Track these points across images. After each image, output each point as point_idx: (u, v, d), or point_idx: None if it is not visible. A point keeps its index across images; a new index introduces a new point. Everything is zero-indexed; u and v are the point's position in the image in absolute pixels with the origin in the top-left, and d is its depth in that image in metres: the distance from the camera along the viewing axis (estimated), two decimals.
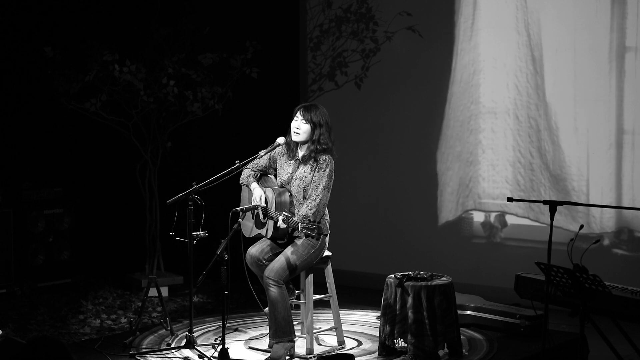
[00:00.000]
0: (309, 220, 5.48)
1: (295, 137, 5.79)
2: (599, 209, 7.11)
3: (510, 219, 7.63)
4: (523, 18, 7.44)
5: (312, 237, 5.47)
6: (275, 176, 5.99)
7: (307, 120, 5.75)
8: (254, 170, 5.94)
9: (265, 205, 5.77)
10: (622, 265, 7.06)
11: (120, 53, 7.36)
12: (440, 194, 7.91)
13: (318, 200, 5.68)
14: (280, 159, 5.93)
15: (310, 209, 5.64)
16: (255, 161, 5.92)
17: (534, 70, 7.42)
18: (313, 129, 5.75)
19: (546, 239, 4.99)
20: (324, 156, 5.76)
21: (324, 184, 5.71)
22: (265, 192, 5.84)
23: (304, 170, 5.79)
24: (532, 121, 7.45)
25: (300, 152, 5.84)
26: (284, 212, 5.60)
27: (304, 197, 5.76)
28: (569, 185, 7.29)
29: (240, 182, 5.98)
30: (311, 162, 5.77)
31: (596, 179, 7.21)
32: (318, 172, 5.74)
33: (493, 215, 7.69)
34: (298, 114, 5.79)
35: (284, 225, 5.56)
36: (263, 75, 7.74)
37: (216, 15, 8.31)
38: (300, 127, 5.76)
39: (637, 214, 7.03)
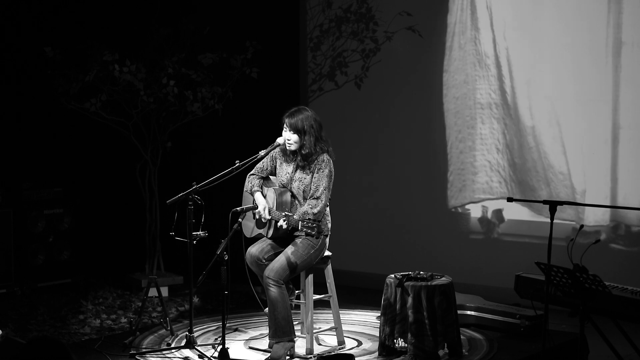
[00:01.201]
0: (309, 219, 5.48)
1: (289, 148, 5.81)
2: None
3: (507, 215, 7.64)
4: (521, 15, 7.44)
5: (312, 236, 5.48)
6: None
7: (294, 130, 5.76)
8: (259, 178, 5.94)
9: (269, 217, 5.76)
10: (620, 262, 7.06)
11: (120, 53, 7.37)
12: (440, 193, 7.91)
13: (319, 201, 5.68)
14: (279, 159, 5.93)
15: (311, 208, 5.65)
16: (259, 165, 5.94)
17: (533, 67, 7.42)
18: (300, 137, 5.76)
19: (545, 235, 4.99)
20: (322, 156, 5.76)
21: (324, 184, 5.72)
22: (267, 192, 5.85)
23: (301, 172, 5.80)
24: (532, 118, 7.45)
25: (296, 157, 5.85)
26: (284, 212, 5.60)
27: (305, 199, 5.77)
28: (566, 181, 7.29)
29: (245, 190, 5.97)
30: (307, 167, 5.78)
31: (592, 174, 7.22)
32: (317, 173, 5.75)
33: (492, 213, 7.70)
34: (285, 125, 5.79)
35: (285, 226, 5.57)
36: (263, 75, 7.74)
37: (216, 15, 8.31)
38: (290, 138, 5.77)
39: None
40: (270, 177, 6.00)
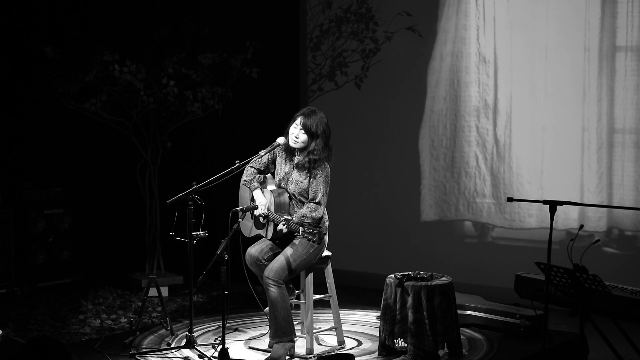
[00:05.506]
0: (309, 223, 5.49)
1: (293, 144, 5.79)
2: (591, 208, 7.12)
3: (505, 219, 7.65)
4: (518, 17, 7.44)
5: (314, 242, 5.49)
6: (273, 173, 5.99)
7: (306, 130, 5.74)
8: (256, 169, 5.93)
9: (267, 213, 5.76)
10: (616, 266, 7.05)
11: (120, 53, 7.37)
12: (440, 194, 7.91)
13: (320, 206, 5.68)
14: (279, 156, 5.93)
15: (311, 211, 5.65)
16: (258, 159, 5.91)
17: (530, 69, 7.42)
18: (310, 140, 5.75)
19: (544, 239, 4.99)
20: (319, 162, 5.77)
21: (322, 190, 5.72)
22: (265, 193, 5.84)
23: (299, 175, 5.79)
24: (530, 120, 7.46)
25: (296, 157, 5.84)
26: (284, 216, 5.60)
27: (301, 201, 5.77)
28: (562, 183, 7.30)
29: (243, 182, 5.96)
30: (304, 169, 5.78)
31: (587, 177, 7.22)
32: (314, 178, 5.74)
33: (491, 214, 7.70)
34: (298, 122, 5.77)
35: (285, 230, 5.58)
36: (263, 75, 7.74)
37: (216, 15, 8.31)
38: (299, 137, 5.76)
39: (627, 213, 7.03)
40: (269, 176, 6.00)
